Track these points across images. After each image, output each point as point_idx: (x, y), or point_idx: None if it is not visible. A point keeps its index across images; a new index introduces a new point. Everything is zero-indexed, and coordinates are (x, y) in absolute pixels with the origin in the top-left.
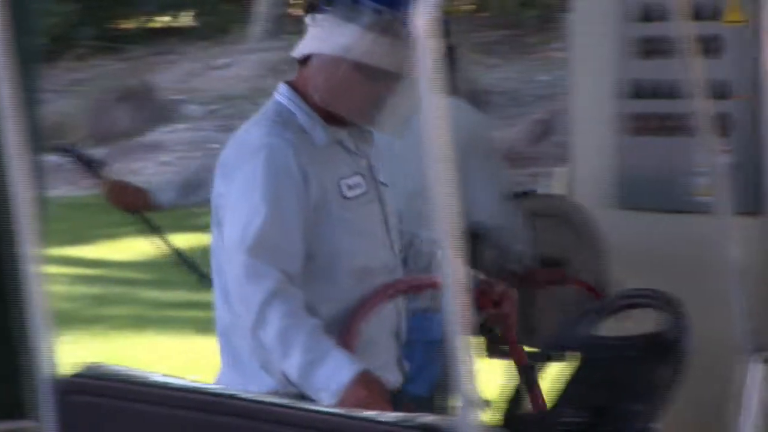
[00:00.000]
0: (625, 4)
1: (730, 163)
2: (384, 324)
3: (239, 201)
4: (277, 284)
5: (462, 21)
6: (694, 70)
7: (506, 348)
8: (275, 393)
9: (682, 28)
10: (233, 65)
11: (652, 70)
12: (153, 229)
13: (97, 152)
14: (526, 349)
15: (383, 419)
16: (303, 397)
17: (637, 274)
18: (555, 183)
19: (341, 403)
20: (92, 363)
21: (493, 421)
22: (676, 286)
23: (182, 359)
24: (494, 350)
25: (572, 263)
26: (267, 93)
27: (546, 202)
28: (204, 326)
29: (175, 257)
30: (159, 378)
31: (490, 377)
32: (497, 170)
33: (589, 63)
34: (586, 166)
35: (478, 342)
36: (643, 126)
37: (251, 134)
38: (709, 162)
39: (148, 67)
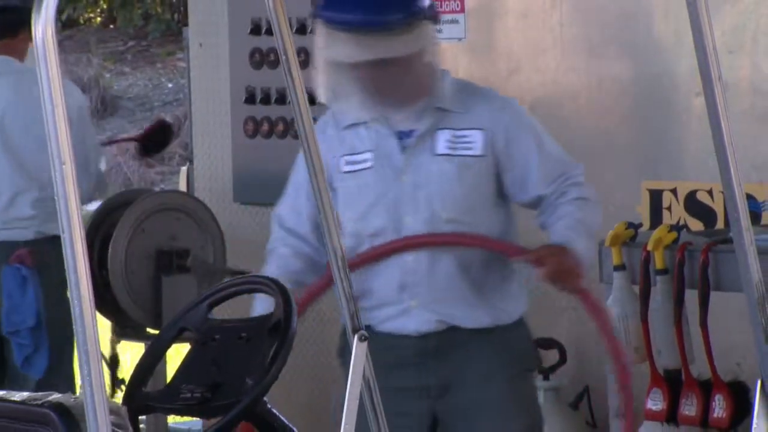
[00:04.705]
0: (235, 18)
1: None
2: (384, 277)
3: None
4: (271, 244)
5: (92, 32)
6: (295, 79)
7: (135, 332)
8: None
9: (284, 41)
10: None
11: (262, 78)
12: None
13: None
14: (151, 331)
15: (13, 398)
16: None
17: (252, 262)
18: (180, 181)
19: None
20: None
21: (119, 399)
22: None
23: None
24: (123, 333)
25: (194, 252)
26: None
27: (169, 198)
28: None
29: None
30: None
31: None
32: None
33: (208, 71)
34: (207, 165)
35: (108, 324)
36: (257, 129)
37: None
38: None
39: None
